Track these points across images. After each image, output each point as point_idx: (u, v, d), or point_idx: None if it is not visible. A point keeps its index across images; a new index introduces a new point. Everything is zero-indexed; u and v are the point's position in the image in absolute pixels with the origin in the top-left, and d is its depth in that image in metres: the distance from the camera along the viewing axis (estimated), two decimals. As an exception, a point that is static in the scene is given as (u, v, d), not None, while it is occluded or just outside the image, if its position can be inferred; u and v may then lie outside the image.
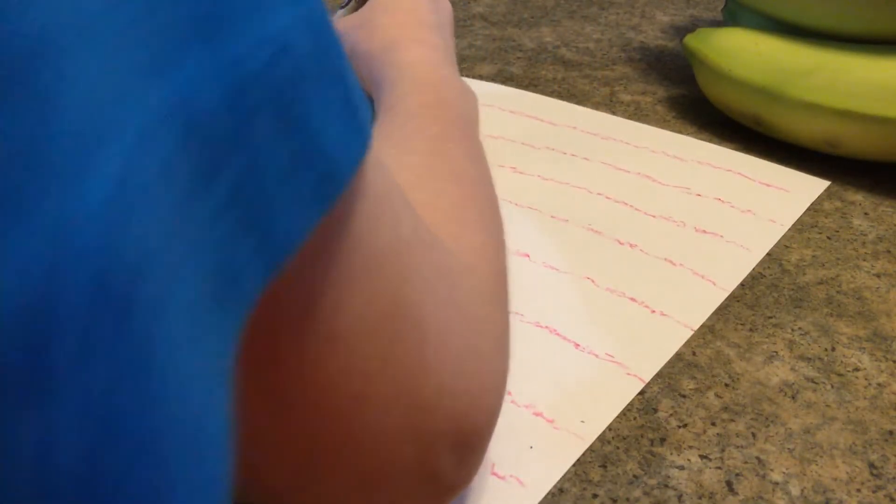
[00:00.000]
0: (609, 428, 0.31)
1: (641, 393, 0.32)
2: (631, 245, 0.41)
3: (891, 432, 0.31)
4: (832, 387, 0.33)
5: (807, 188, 0.46)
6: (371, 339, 0.18)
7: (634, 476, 0.29)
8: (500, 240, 0.29)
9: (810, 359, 0.34)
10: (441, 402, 0.20)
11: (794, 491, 0.28)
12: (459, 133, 0.34)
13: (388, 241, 0.18)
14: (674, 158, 0.48)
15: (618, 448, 0.30)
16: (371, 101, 0.43)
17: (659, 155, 0.49)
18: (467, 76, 0.60)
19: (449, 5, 0.51)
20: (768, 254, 0.41)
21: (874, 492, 0.28)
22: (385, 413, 0.19)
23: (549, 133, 0.52)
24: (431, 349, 0.20)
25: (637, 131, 0.52)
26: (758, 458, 0.30)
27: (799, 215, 0.44)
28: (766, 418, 0.31)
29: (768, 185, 0.46)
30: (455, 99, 0.38)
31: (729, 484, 0.29)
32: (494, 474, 0.29)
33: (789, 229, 0.43)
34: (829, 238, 0.42)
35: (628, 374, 0.33)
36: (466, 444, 0.22)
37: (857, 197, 0.46)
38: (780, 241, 0.42)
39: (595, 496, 0.28)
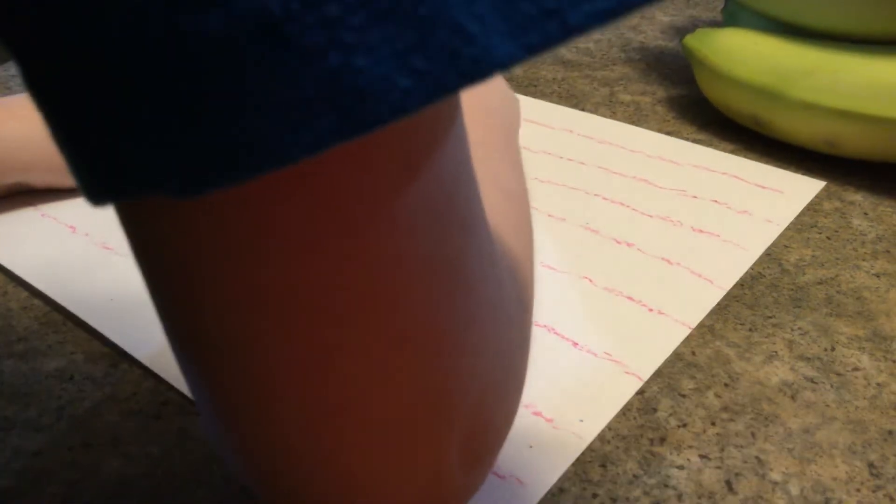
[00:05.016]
0: (609, 427, 0.31)
1: (641, 393, 0.32)
2: (628, 244, 0.41)
3: (890, 432, 0.31)
4: (832, 387, 0.33)
5: (802, 189, 0.46)
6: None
7: (634, 476, 0.29)
8: (533, 251, 0.29)
9: (810, 359, 0.34)
10: (464, 387, 0.19)
11: (794, 490, 0.28)
12: (500, 141, 0.34)
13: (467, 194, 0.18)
14: (669, 162, 0.49)
15: (617, 447, 0.30)
16: None
17: (654, 159, 0.49)
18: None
19: None
20: (767, 254, 0.41)
21: (874, 491, 0.28)
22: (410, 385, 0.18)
23: (547, 137, 0.52)
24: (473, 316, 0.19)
25: (633, 135, 0.52)
26: (757, 457, 0.30)
27: (795, 215, 0.44)
28: (766, 418, 0.31)
29: (764, 187, 0.46)
30: (497, 104, 0.38)
31: (728, 483, 0.29)
32: (494, 474, 0.29)
33: (789, 229, 0.43)
34: (828, 238, 0.42)
35: (627, 372, 0.33)
36: (479, 446, 0.21)
37: (857, 197, 0.46)
38: (779, 240, 0.42)
39: (595, 496, 0.28)
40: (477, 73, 0.13)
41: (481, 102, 0.37)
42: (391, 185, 0.16)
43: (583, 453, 0.30)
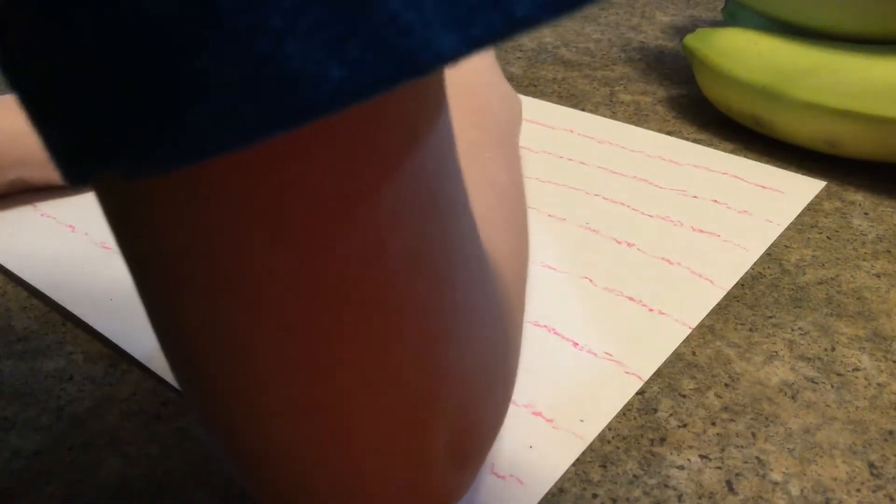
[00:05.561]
0: (609, 428, 0.31)
1: (641, 393, 0.32)
2: (628, 244, 0.41)
3: (891, 432, 0.31)
4: (832, 387, 0.33)
5: (802, 189, 0.46)
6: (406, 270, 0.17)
7: (634, 476, 0.29)
8: (526, 251, 0.29)
9: (810, 359, 0.34)
10: (448, 383, 0.19)
11: (794, 491, 0.28)
12: (497, 141, 0.34)
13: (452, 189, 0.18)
14: (669, 162, 0.49)
15: (618, 448, 0.30)
16: None
17: (655, 159, 0.49)
18: (467, 76, 0.60)
19: None
20: (768, 254, 0.41)
21: (874, 492, 0.28)
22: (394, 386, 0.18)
23: (547, 137, 0.52)
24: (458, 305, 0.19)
25: (633, 135, 0.52)
26: (758, 457, 0.30)
27: (795, 215, 0.44)
28: (766, 418, 0.31)
29: (764, 187, 0.46)
30: (497, 105, 0.38)
31: (729, 484, 0.29)
32: (494, 474, 0.29)
33: (789, 229, 0.43)
34: (828, 238, 0.42)
35: (627, 372, 0.33)
36: (467, 443, 0.21)
37: (857, 197, 0.46)
38: (779, 240, 0.42)
39: (595, 496, 0.28)
40: (416, 66, 0.12)
41: (477, 101, 0.37)
42: (370, 178, 0.15)
43: (583, 453, 0.30)
